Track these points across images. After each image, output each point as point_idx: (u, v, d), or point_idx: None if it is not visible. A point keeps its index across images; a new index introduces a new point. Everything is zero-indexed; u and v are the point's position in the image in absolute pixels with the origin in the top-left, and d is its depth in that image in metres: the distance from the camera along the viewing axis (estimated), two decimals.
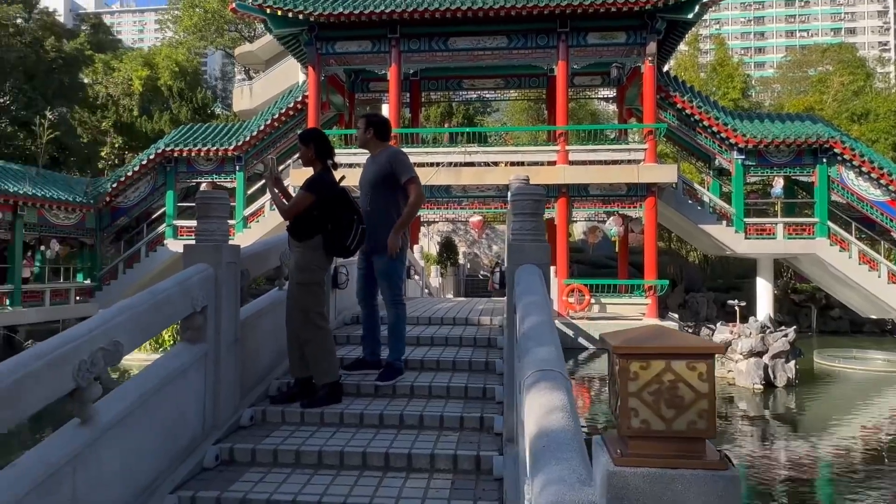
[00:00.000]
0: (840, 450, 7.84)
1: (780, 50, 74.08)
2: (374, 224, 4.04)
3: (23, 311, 16.26)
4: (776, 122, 17.24)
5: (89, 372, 2.52)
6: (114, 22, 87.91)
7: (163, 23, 46.94)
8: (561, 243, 15.24)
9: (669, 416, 1.39)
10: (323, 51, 16.42)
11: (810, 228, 16.33)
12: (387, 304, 4.26)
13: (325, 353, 3.83)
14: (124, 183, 18.42)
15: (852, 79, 32.40)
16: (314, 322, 3.81)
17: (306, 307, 3.79)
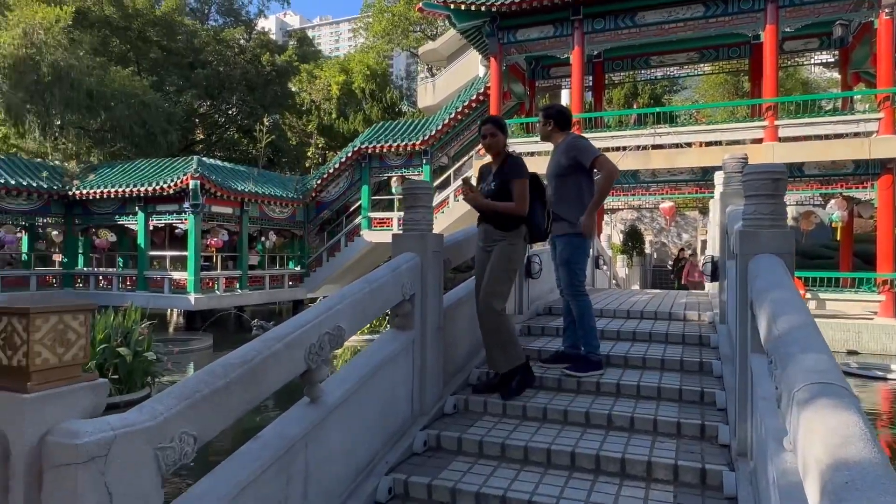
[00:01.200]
0: None
1: None
2: (556, 213, 4.05)
3: (249, 294, 18.74)
4: None
5: (318, 355, 2.67)
6: (315, 35, 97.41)
7: (356, 31, 50.81)
8: None
9: None
10: (504, 40, 16.43)
11: None
12: (567, 295, 4.15)
13: (512, 338, 3.77)
14: (326, 179, 20.28)
15: None
16: (503, 310, 3.77)
17: (501, 295, 3.74)
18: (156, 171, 18.17)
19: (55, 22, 20.70)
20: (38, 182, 17.66)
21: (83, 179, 18.75)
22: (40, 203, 17.99)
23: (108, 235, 18.40)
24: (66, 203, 18.55)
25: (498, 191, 3.77)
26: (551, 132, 4.17)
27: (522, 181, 3.73)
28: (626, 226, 24.59)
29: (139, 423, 1.84)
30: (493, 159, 3.95)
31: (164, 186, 16.73)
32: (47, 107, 20.78)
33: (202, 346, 14.23)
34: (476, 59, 24.73)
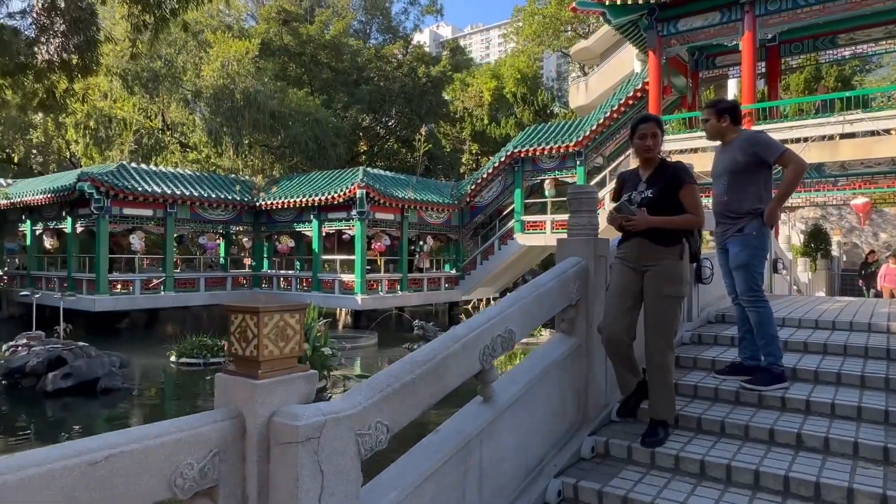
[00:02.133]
0: None
1: None
2: (730, 212, 3.82)
3: (408, 295, 19.76)
4: None
5: (491, 356, 2.79)
6: (466, 43, 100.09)
7: (506, 36, 51.32)
8: None
9: None
10: (664, 32, 15.63)
11: None
12: (744, 302, 3.83)
13: (670, 386, 3.32)
14: (480, 184, 20.75)
15: None
16: (671, 347, 3.33)
17: (670, 327, 3.28)
18: (327, 182, 19.87)
19: (245, 54, 23.54)
20: (232, 195, 20.19)
21: (268, 191, 21.08)
22: (234, 213, 20.54)
23: (288, 241, 20.48)
24: (255, 213, 20.98)
25: (658, 199, 3.29)
26: (725, 129, 3.89)
27: (693, 187, 3.31)
28: (807, 225, 22.07)
29: (343, 410, 2.08)
30: (644, 164, 3.44)
31: (334, 196, 18.25)
32: (239, 129, 23.67)
33: (369, 344, 15.31)
34: (631, 54, 23.77)
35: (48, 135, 25.24)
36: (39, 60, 5.35)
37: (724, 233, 3.91)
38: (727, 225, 3.87)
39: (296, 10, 32.31)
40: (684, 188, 3.30)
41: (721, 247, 4.01)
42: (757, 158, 3.73)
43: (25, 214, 20.57)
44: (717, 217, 3.96)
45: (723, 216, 3.89)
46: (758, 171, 3.77)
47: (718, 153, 3.98)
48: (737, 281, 3.89)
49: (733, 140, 3.87)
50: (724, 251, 3.98)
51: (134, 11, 4.81)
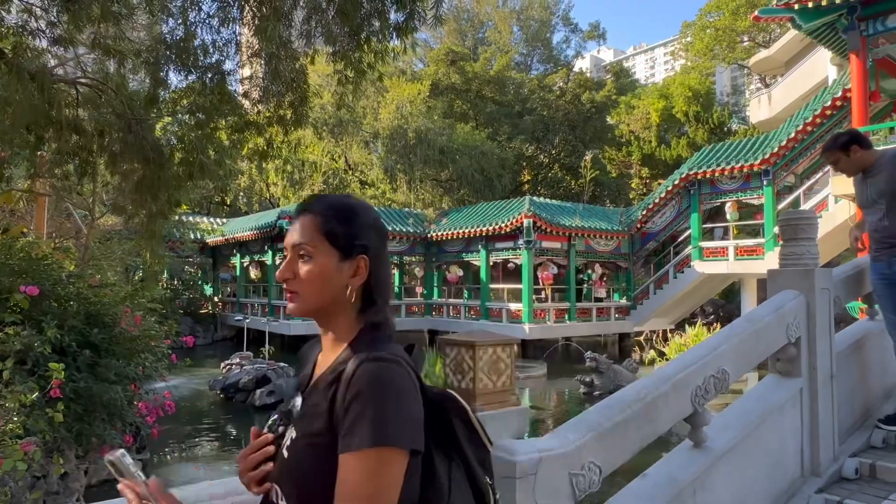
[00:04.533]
0: None
1: None
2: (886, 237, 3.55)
3: (576, 325, 19.31)
4: None
5: (703, 398, 2.60)
6: (629, 65, 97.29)
7: (674, 53, 49.05)
8: None
9: None
10: (868, 31, 13.81)
11: None
12: None
13: None
14: (652, 209, 19.79)
15: None
16: None
17: None
18: (494, 212, 20.30)
19: (417, 95, 25.16)
20: (406, 227, 21.45)
21: (438, 223, 22.08)
22: (408, 245, 21.77)
23: (457, 270, 21.18)
24: (426, 244, 22.05)
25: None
26: (861, 158, 3.60)
27: None
28: None
29: (557, 448, 2.05)
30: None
31: (501, 226, 18.56)
32: (411, 165, 25.22)
33: (538, 374, 15.15)
34: (823, 59, 21.36)
35: (252, 179, 29.00)
36: (262, 117, 6.22)
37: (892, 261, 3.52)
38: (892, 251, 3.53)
39: (462, 51, 33.90)
40: None
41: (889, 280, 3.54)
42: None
43: (236, 249, 23.71)
44: (879, 246, 3.59)
45: (885, 244, 3.55)
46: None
47: (860, 182, 3.69)
48: None
49: (877, 164, 3.59)
50: (889, 283, 3.54)
51: (338, 67, 5.41)
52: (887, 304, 3.56)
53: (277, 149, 6.83)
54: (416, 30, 5.33)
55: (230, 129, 6.54)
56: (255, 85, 6.05)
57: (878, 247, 3.58)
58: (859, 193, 3.71)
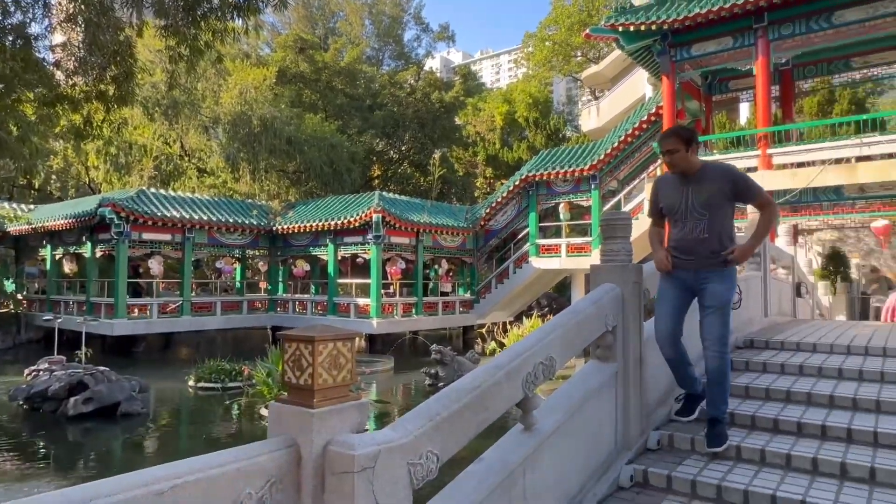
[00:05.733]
0: None
1: None
2: (705, 250, 3.45)
3: (423, 319, 19.74)
4: None
5: (533, 384, 2.79)
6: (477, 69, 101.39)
7: (517, 61, 51.99)
8: None
9: None
10: (677, 57, 15.76)
11: None
12: (714, 344, 3.43)
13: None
14: (495, 208, 20.83)
15: None
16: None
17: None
18: (343, 206, 20.04)
19: (262, 81, 24.00)
20: (249, 220, 20.39)
21: (284, 216, 21.29)
22: (251, 238, 20.72)
23: (304, 265, 20.60)
24: (271, 237, 21.15)
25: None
26: (693, 159, 3.48)
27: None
28: (825, 247, 21.89)
29: (396, 439, 2.08)
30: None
31: (350, 220, 18.38)
32: (256, 154, 24.02)
33: (385, 368, 15.25)
34: (642, 78, 23.98)
35: (68, 161, 25.73)
36: (78, 91, 5.50)
37: (699, 270, 3.50)
38: (704, 263, 3.49)
39: (311, 39, 32.97)
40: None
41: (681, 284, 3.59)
42: (733, 195, 3.45)
43: (46, 239, 20.88)
44: (685, 255, 3.53)
45: (696, 254, 3.49)
46: (730, 206, 3.51)
47: (678, 186, 3.53)
48: (711, 324, 3.46)
49: (704, 171, 3.48)
50: (680, 288, 3.59)
51: (171, 44, 4.95)
52: (667, 308, 3.60)
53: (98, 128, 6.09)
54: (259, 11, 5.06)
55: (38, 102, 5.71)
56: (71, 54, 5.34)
57: (688, 256, 3.51)
58: (672, 197, 3.54)
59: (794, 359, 4.88)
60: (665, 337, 3.61)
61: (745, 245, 3.47)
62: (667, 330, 3.60)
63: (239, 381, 12.58)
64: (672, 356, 3.64)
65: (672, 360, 3.66)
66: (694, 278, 3.51)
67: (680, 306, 3.59)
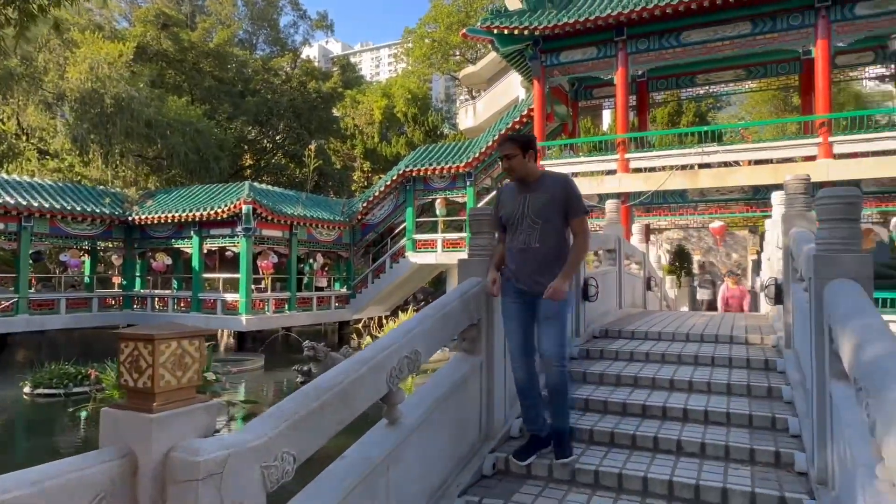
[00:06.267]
0: None
1: None
2: (542, 263, 3.31)
3: (297, 315, 19.14)
4: None
5: (398, 378, 2.77)
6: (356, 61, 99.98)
7: (397, 56, 51.97)
8: None
9: None
10: (547, 62, 16.57)
11: None
12: (552, 357, 3.25)
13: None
14: (372, 202, 20.66)
15: None
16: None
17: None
18: (210, 196, 18.86)
19: (118, 57, 21.89)
20: (101, 208, 18.55)
21: (142, 205, 19.62)
22: (103, 228, 18.86)
23: (165, 259, 19.13)
24: (126, 228, 19.41)
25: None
26: (531, 167, 3.39)
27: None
28: (672, 245, 24.19)
29: (248, 442, 1.97)
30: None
31: (217, 211, 17.35)
32: (109, 137, 21.88)
33: (255, 367, 14.60)
34: (516, 80, 24.96)
35: None
36: None
37: (534, 284, 3.31)
38: (537, 274, 3.31)
39: (176, 15, 30.64)
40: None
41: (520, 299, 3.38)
42: (565, 207, 3.33)
43: None
44: (520, 265, 3.35)
45: (530, 264, 3.32)
46: (561, 219, 3.36)
47: (514, 193, 3.41)
48: (548, 336, 3.27)
49: (543, 179, 3.39)
50: (521, 304, 3.38)
51: None
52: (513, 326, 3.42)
53: None
54: None
55: None
56: None
57: (523, 266, 3.34)
58: (511, 204, 3.39)
59: (642, 346, 5.31)
60: (517, 356, 3.42)
61: (558, 282, 3.23)
62: (517, 348, 3.41)
63: (86, 386, 11.42)
64: (523, 379, 3.41)
65: (523, 385, 3.42)
66: (529, 289, 3.33)
67: (525, 321, 3.37)
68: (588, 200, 15.03)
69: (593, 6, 15.48)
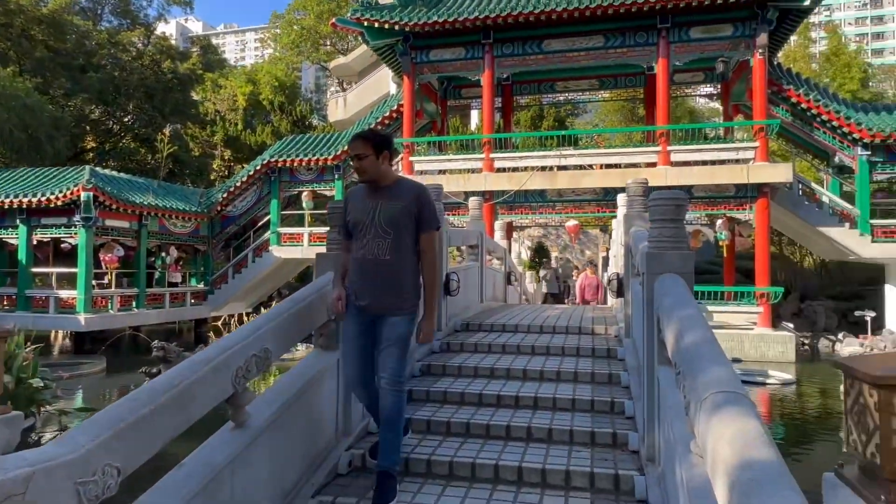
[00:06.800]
0: None
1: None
2: (389, 279, 2.99)
3: (147, 313, 17.64)
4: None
5: (245, 378, 2.62)
6: (219, 43, 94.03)
7: (263, 41, 49.69)
8: None
9: None
10: (417, 59, 16.70)
11: None
12: (389, 382, 2.98)
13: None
14: (233, 193, 19.57)
15: None
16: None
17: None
18: (41, 180, 16.78)
19: None
20: None
21: None
22: None
23: None
24: None
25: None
26: (385, 169, 3.06)
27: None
28: (533, 242, 25.53)
29: (60, 456, 1.74)
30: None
31: (50, 198, 15.48)
32: None
33: (94, 370, 13.22)
34: (388, 75, 24.93)
35: None
36: None
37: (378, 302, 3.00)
38: (383, 291, 3.00)
39: None
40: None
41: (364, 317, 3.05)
42: (418, 218, 3.03)
43: None
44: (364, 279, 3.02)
45: (375, 278, 3.00)
46: (413, 230, 3.03)
47: (364, 197, 3.07)
48: (388, 358, 2.98)
49: (398, 185, 3.07)
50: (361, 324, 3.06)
51: None
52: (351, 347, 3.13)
53: None
54: None
55: None
56: None
57: (365, 278, 3.01)
58: (360, 209, 3.04)
59: (500, 338, 5.52)
60: (355, 383, 3.15)
61: (427, 324, 3.07)
62: (355, 375, 3.12)
63: None
64: (368, 402, 3.19)
65: (369, 405, 3.23)
66: (373, 306, 3.01)
67: (366, 343, 3.07)
68: (455, 198, 15.39)
69: (462, 7, 15.86)
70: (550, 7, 14.64)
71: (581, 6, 14.42)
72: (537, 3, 14.93)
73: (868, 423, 1.59)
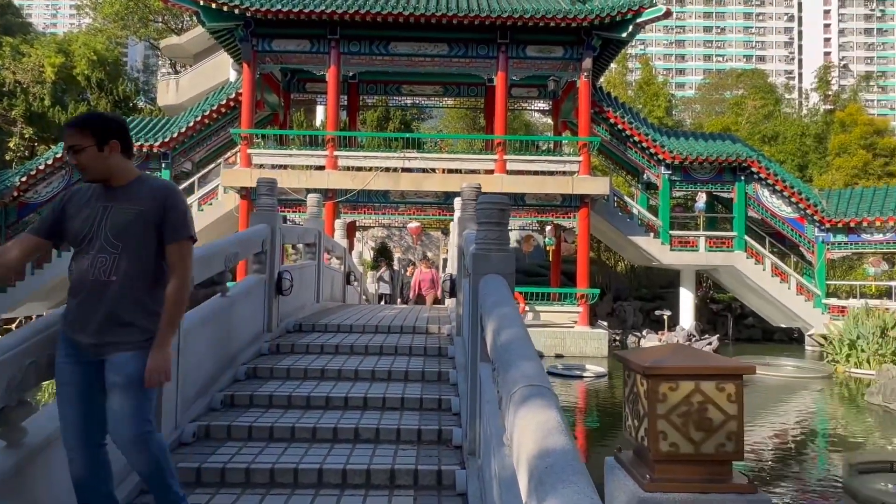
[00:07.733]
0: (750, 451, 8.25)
1: (698, 72, 78.90)
2: (117, 308, 2.27)
3: None
4: (699, 141, 18.20)
5: (19, 389, 2.25)
6: (23, 4, 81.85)
7: (81, 8, 44.19)
8: None
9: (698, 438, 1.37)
10: (259, 48, 15.91)
11: (729, 242, 17.32)
12: (127, 445, 2.27)
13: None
14: (35, 177, 17.07)
15: (763, 103, 34.82)
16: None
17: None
18: None
19: None
20: None
21: None
22: None
23: None
24: None
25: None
26: (115, 164, 2.34)
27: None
28: (376, 242, 25.58)
29: None
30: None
31: None
32: None
33: None
34: (228, 61, 23.46)
35: None
36: None
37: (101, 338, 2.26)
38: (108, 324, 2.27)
39: None
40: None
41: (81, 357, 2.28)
42: (159, 225, 2.35)
43: None
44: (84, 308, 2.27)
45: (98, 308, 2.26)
46: (155, 242, 2.35)
47: (96, 199, 2.34)
48: (123, 411, 2.25)
49: (136, 185, 2.37)
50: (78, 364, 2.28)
51: None
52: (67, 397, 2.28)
53: None
54: None
55: None
56: None
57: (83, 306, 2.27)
58: (81, 216, 2.31)
59: (334, 339, 5.40)
60: (73, 444, 2.26)
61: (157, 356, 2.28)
62: (74, 432, 2.27)
63: None
64: (84, 476, 2.27)
65: (84, 485, 2.28)
66: (94, 342, 2.27)
67: (86, 392, 2.28)
68: (296, 194, 14.86)
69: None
70: (398, 10, 14.77)
71: (427, 13, 14.74)
72: (385, 5, 14.98)
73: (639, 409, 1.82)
